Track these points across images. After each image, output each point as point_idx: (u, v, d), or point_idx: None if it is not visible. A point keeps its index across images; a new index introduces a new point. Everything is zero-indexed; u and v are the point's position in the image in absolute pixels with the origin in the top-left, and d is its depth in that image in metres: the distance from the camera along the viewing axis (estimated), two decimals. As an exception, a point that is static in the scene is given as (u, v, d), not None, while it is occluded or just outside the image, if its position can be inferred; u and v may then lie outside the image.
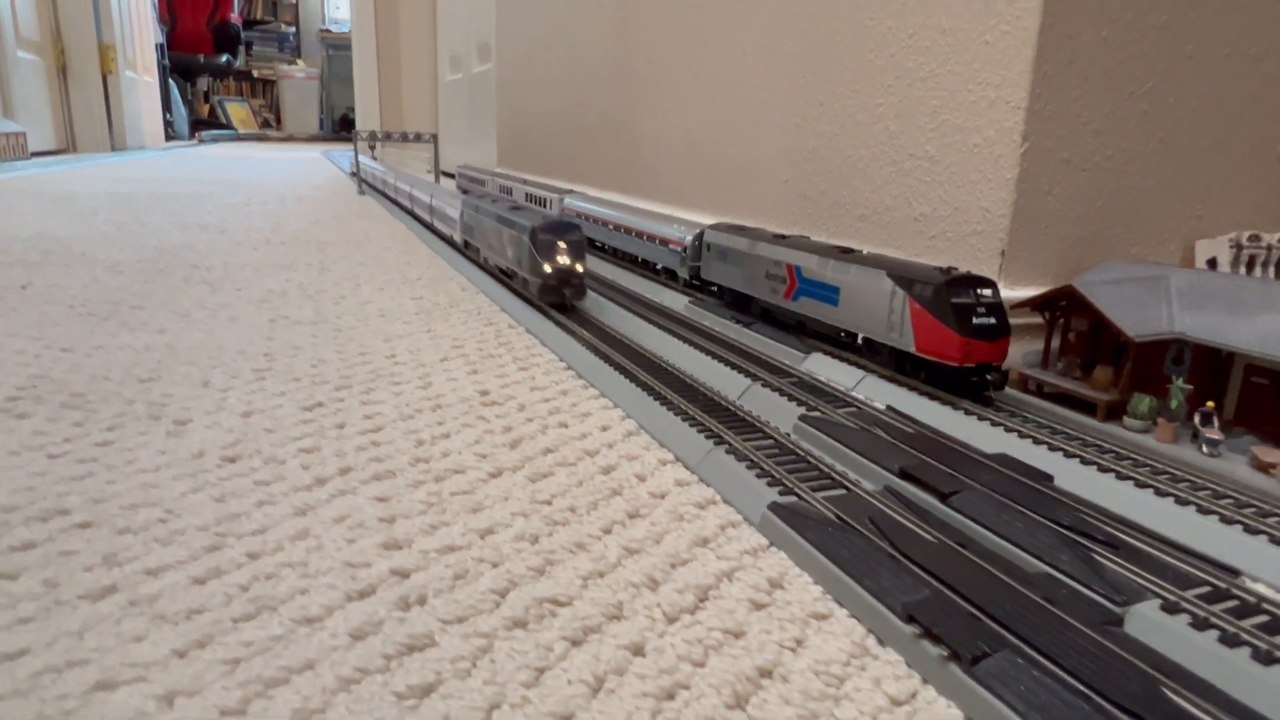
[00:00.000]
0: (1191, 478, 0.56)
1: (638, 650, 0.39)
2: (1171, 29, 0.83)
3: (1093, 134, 0.83)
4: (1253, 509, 0.51)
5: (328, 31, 8.92)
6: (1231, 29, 0.86)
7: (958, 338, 0.69)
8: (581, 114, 2.03)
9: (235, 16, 8.44)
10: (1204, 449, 0.61)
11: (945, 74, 0.88)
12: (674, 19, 1.50)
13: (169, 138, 6.34)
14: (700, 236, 1.12)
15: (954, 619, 0.39)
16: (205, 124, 8.16)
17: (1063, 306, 0.77)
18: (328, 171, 4.15)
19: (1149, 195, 0.88)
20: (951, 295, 0.70)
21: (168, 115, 6.37)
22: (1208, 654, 0.37)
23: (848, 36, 1.03)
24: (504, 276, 1.22)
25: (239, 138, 8.04)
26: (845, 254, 0.85)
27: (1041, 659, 0.36)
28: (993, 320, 0.71)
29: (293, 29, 9.21)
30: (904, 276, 0.75)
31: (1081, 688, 0.34)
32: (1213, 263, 0.90)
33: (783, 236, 0.98)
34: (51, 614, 0.40)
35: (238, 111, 8.59)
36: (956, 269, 0.74)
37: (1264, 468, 0.58)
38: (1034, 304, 0.77)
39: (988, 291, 0.72)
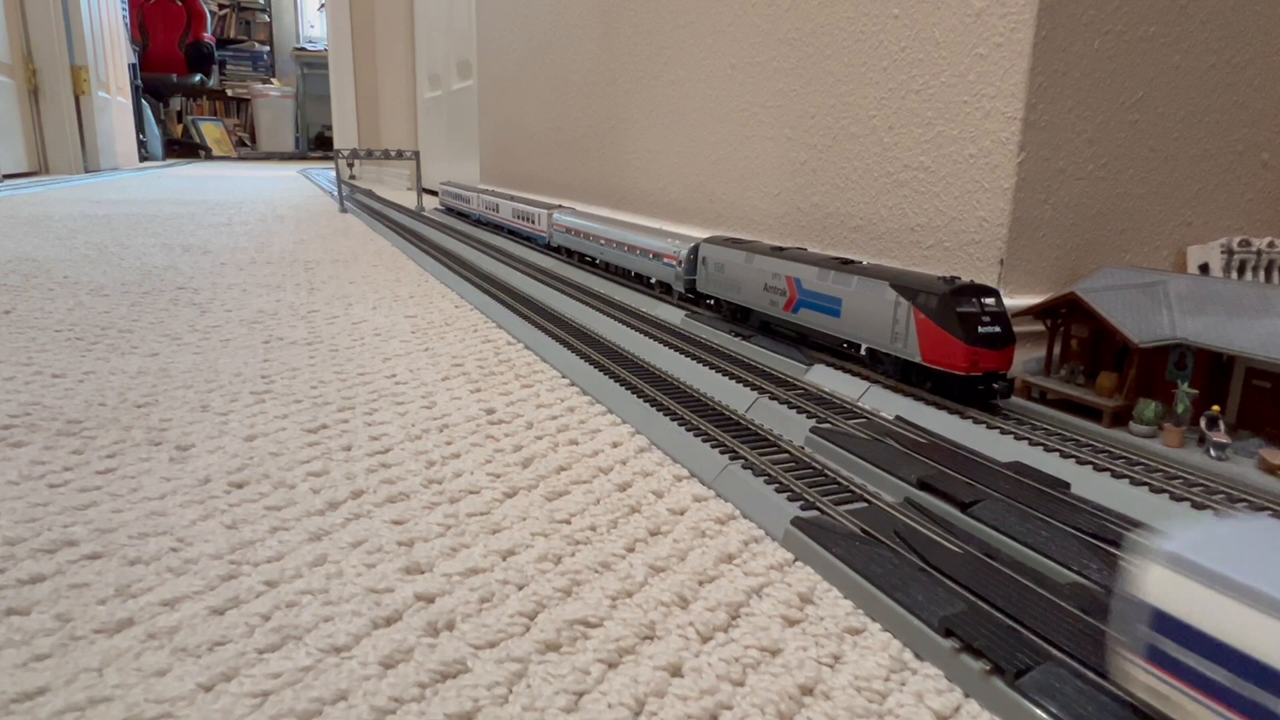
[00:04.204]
0: (1204, 482, 0.56)
1: (675, 671, 0.38)
2: (1159, 40, 0.85)
3: (1086, 143, 0.84)
4: (1269, 511, 0.52)
5: (302, 50, 8.90)
6: (1216, 39, 0.88)
7: (964, 347, 0.69)
8: (567, 129, 2.03)
9: (208, 36, 8.40)
10: (1212, 453, 0.62)
11: (939, 86, 0.89)
12: (660, 33, 1.51)
13: (143, 159, 6.28)
14: (696, 250, 1.12)
15: (992, 632, 0.38)
16: (181, 144, 8.11)
17: (1063, 314, 0.78)
18: (306, 189, 4.12)
19: (1141, 202, 0.90)
20: (957, 304, 0.71)
21: (141, 136, 6.32)
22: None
23: (838, 49, 1.04)
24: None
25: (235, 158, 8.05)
26: (846, 265, 0.85)
27: (1084, 670, 0.36)
28: (998, 329, 0.71)
29: (267, 48, 9.17)
30: (907, 286, 0.75)
31: (1126, 698, 0.34)
32: (1204, 268, 0.92)
33: (781, 249, 0.98)
34: (69, 650, 0.38)
35: (211, 131, 8.53)
36: (959, 278, 0.74)
37: (1272, 470, 0.59)
38: (1036, 311, 0.78)
39: (991, 300, 0.72)
